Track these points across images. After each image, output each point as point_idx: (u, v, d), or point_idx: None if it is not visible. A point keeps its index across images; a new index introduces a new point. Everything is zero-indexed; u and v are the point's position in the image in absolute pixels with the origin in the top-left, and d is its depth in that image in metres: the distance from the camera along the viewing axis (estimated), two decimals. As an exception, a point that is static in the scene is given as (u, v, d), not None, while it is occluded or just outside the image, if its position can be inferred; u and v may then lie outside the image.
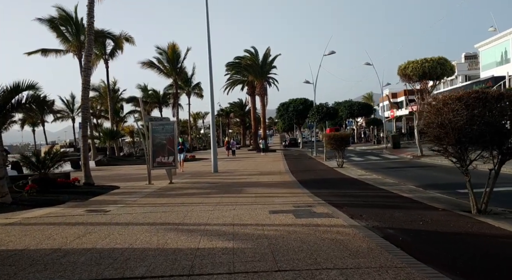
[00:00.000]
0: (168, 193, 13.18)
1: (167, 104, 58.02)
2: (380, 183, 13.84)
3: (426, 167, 20.82)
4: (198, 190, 13.58)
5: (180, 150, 21.74)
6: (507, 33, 28.59)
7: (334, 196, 10.89)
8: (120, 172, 25.22)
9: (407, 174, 17.86)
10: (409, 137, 54.20)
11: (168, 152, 16.39)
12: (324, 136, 23.07)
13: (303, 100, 58.91)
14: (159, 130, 16.47)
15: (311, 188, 12.99)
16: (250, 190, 13.00)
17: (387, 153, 33.10)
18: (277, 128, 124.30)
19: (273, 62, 51.00)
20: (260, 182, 15.71)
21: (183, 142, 23.96)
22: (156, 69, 38.04)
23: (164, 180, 16.88)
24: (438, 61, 25.14)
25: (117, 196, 12.78)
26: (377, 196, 10.75)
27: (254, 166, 25.05)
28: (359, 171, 19.47)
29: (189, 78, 61.63)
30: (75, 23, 35.07)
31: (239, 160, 33.20)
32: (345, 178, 16.24)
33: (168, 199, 11.54)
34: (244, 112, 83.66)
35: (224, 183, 15.85)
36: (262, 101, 49.94)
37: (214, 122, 23.49)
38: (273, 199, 10.66)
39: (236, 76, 56.15)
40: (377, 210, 8.34)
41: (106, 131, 35.61)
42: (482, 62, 32.81)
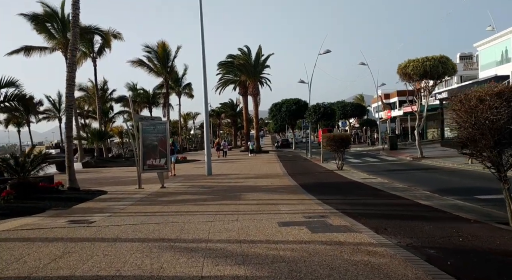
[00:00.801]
0: (161, 199, 12.04)
1: (157, 104, 56.70)
2: (390, 188, 12.84)
3: (429, 169, 19.92)
4: (194, 196, 12.45)
5: (171, 152, 19.77)
6: (508, 32, 27.89)
7: (345, 204, 9.85)
8: (108, 174, 23.98)
9: (412, 177, 16.91)
10: (403, 138, 53.50)
11: (160, 154, 15.24)
12: (323, 137, 22.08)
13: (296, 101, 57.99)
14: (150, 131, 15.31)
15: (316, 193, 11.94)
16: (251, 196, 11.92)
17: (385, 154, 32.24)
18: (268, 129, 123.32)
19: (266, 62, 49.98)
20: (259, 186, 14.63)
21: (173, 143, 21.99)
22: (146, 68, 36.77)
23: (156, 184, 15.74)
24: (439, 60, 24.29)
25: (104, 202, 11.61)
26: (393, 204, 9.73)
27: (249, 169, 23.96)
28: (361, 174, 18.49)
29: (179, 78, 60.37)
30: (61, 19, 33.67)
31: (232, 162, 32.08)
32: (349, 182, 15.23)
33: (161, 207, 10.41)
34: (235, 112, 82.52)
35: (220, 187, 14.74)
36: (254, 101, 48.84)
37: (208, 121, 22.38)
38: (279, 207, 9.59)
39: (228, 76, 54.99)
40: (401, 222, 7.31)
41: (94, 131, 34.25)
42: (481, 62, 32.11)
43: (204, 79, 20.82)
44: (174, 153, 21.46)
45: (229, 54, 51.84)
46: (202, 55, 20.73)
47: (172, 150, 20.08)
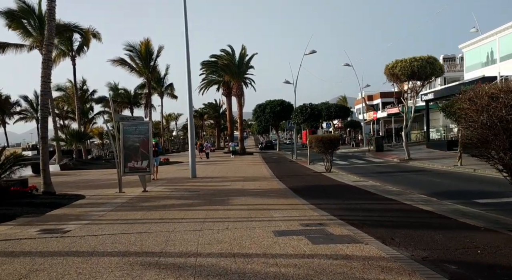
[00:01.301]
0: (143, 204, 11.24)
1: (138, 105, 55.47)
2: (384, 191, 12.30)
3: (419, 171, 19.53)
4: (178, 201, 11.69)
5: (154, 154, 17.26)
6: (493, 34, 27.87)
7: (341, 209, 9.24)
8: (87, 177, 22.97)
9: (403, 179, 16.46)
10: (387, 140, 53.46)
11: (142, 155, 14.41)
12: (311, 138, 21.51)
13: (280, 102, 57.41)
14: (131, 131, 14.48)
15: (309, 197, 11.32)
16: (239, 201, 11.22)
17: (371, 156, 31.89)
18: (251, 130, 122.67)
19: (250, 62, 49.32)
20: (247, 189, 13.93)
21: (157, 144, 19.58)
22: (127, 67, 35.70)
23: (137, 187, 14.91)
24: (427, 60, 24.02)
25: (81, 208, 10.75)
26: (393, 209, 9.15)
27: (234, 171, 23.25)
28: (351, 176, 17.97)
29: (161, 78, 59.24)
30: (37, 16, 32.38)
31: (216, 164, 31.31)
32: (340, 185, 14.66)
33: (143, 213, 9.63)
34: (219, 113, 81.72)
35: (206, 191, 13.99)
36: (239, 102, 48.12)
37: (193, 122, 21.59)
38: (271, 213, 8.92)
39: (212, 76, 54.19)
40: (407, 231, 6.71)
41: (73, 132, 33.04)
42: (466, 63, 32.08)
43: (188, 78, 20.05)
44: (157, 155, 19.63)
45: (213, 54, 51.05)
46: (186, 53, 19.96)
47: (156, 152, 18.56)
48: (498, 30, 27.31)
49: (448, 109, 18.80)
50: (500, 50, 27.38)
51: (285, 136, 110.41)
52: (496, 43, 27.74)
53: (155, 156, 18.37)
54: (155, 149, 18.00)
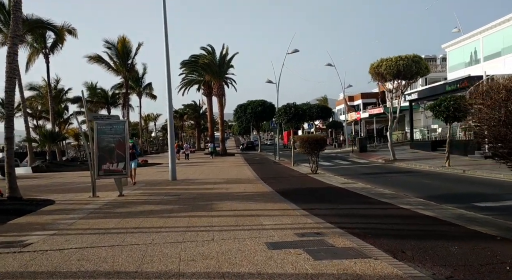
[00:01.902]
0: (118, 211, 10.26)
1: (115, 105, 53.87)
2: (377, 194, 11.61)
3: (406, 173, 19.01)
4: (157, 206, 10.74)
5: (131, 156, 15.92)
6: (477, 33, 27.68)
7: (336, 215, 8.46)
8: (60, 180, 21.72)
9: (394, 181, 15.87)
10: (369, 140, 53.27)
11: (118, 157, 13.39)
12: (296, 139, 20.75)
13: (261, 102, 56.76)
14: (106, 131, 13.44)
15: (299, 202, 10.53)
16: (224, 205, 10.35)
17: (355, 157, 31.40)
18: (232, 131, 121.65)
19: (231, 61, 48.41)
20: (232, 193, 13.07)
21: (134, 145, 17.66)
22: (104, 65, 34.33)
23: (113, 191, 13.89)
24: (413, 59, 23.62)
25: (48, 216, 9.71)
26: (392, 215, 8.42)
27: (216, 173, 22.33)
28: (338, 178, 17.28)
29: (140, 77, 57.84)
30: (8, 11, 30.78)
31: (197, 165, 30.32)
32: (329, 188, 13.92)
33: (117, 221, 8.67)
34: (199, 114, 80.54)
35: (187, 195, 13.06)
36: (220, 101, 47.13)
37: (172, 121, 20.60)
38: (260, 220, 8.09)
39: (192, 76, 53.08)
40: (417, 242, 5.97)
41: (46, 133, 31.52)
42: (449, 63, 31.90)
43: (167, 77, 19.08)
44: (135, 158, 17.84)
45: (193, 54, 49.96)
46: (166, 50, 18.96)
47: (133, 154, 16.86)
48: (481, 30, 27.14)
49: (436, 108, 18.31)
50: (484, 49, 27.20)
51: (266, 137, 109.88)
52: (480, 43, 27.56)
53: (133, 159, 16.88)
54: (132, 151, 16.40)
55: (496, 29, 25.66)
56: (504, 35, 25.06)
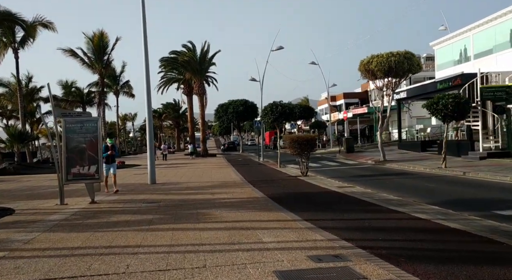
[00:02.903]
0: (88, 222, 8.74)
1: (91, 103, 51.64)
2: (382, 201, 10.39)
3: (402, 175, 17.92)
4: (135, 216, 9.26)
5: (110, 159, 13.86)
6: (467, 30, 26.96)
7: (347, 229, 7.17)
8: (28, 184, 19.85)
9: (393, 185, 14.75)
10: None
11: (89, 159, 11.82)
12: (286, 138, 19.47)
13: (243, 101, 55.44)
14: (76, 130, 11.85)
15: (297, 209, 9.23)
16: (212, 215, 8.96)
17: (342, 158, 30.32)
18: (212, 132, 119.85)
19: (212, 59, 46.84)
20: (219, 199, 11.66)
21: (113, 146, 14.40)
22: (79, 60, 32.36)
23: (84, 197, 12.31)
24: (405, 56, 22.65)
25: (2, 230, 8.13)
26: (412, 228, 7.16)
27: (199, 175, 20.85)
28: (332, 181, 16.06)
29: (117, 75, 55.77)
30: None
31: (178, 167, 28.74)
32: (327, 193, 12.65)
33: (86, 237, 7.18)
34: (178, 114, 78.61)
35: (169, 202, 11.59)
36: (200, 100, 45.52)
37: (152, 121, 19.05)
38: (258, 235, 6.75)
39: (172, 74, 51.27)
40: (468, 269, 4.71)
41: (14, 133, 29.43)
42: (438, 61, 31.15)
43: (146, 73, 17.55)
44: (113, 161, 14.28)
45: (173, 50, 48.18)
46: (144, 45, 17.43)
47: (112, 156, 14.12)
48: (472, 27, 26.42)
49: (433, 106, 17.29)
50: (474, 47, 26.48)
51: (247, 138, 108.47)
52: (470, 40, 26.84)
53: (111, 162, 14.02)
54: (111, 152, 13.95)
55: (487, 26, 24.94)
56: (496, 32, 24.35)
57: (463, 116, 17.85)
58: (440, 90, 24.36)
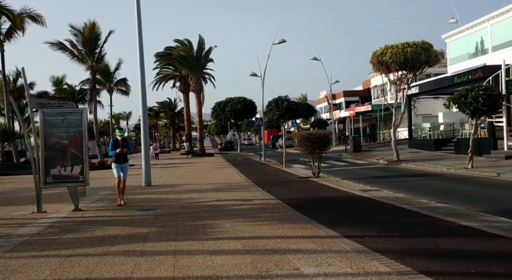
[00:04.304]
0: (65, 238, 6.87)
1: (83, 101, 49.50)
2: (427, 209, 8.58)
3: (426, 176, 16.13)
4: (125, 229, 7.39)
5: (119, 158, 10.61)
6: (484, 20, 25.23)
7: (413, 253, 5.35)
8: (9, 185, 17.87)
9: (422, 188, 13.00)
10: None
11: (73, 158, 9.94)
12: (295, 136, 17.63)
13: (241, 99, 53.66)
14: (57, 123, 9.97)
15: (328, 221, 7.41)
16: (223, 228, 7.13)
17: (350, 157, 28.52)
18: (208, 131, 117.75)
19: (209, 55, 44.85)
20: (227, 205, 9.81)
21: (124, 139, 10.97)
22: (68, 53, 30.38)
23: (68, 202, 10.41)
24: (422, 46, 20.85)
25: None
26: (506, 254, 5.33)
27: (199, 175, 18.96)
28: (351, 183, 14.21)
29: (111, 72, 53.57)
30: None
31: (175, 167, 26.85)
32: (351, 198, 10.82)
33: (57, 263, 5.31)
34: (174, 112, 76.54)
35: (168, 208, 9.72)
36: (198, 98, 43.54)
37: (147, 119, 17.22)
38: (294, 263, 4.91)
39: (167, 70, 49.25)
40: None
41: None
42: (450, 55, 29.41)
43: (141, 69, 15.72)
44: (126, 160, 10.86)
45: (168, 46, 46.21)
46: (139, 38, 15.59)
47: (123, 156, 10.69)
48: (490, 16, 24.69)
49: (462, 99, 15.50)
50: (492, 38, 24.76)
51: (243, 137, 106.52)
52: (488, 31, 25.11)
53: (123, 162, 10.71)
54: (121, 150, 10.52)
55: (508, 15, 23.21)
56: (519, 21, 22.62)
57: (494, 111, 16.10)
58: (458, 84, 22.61)
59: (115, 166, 10.78)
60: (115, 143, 10.70)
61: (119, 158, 10.68)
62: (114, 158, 10.77)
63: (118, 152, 10.57)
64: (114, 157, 10.73)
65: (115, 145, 10.64)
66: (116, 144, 10.64)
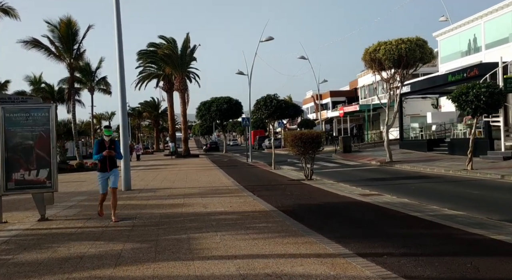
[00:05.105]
0: (20, 259, 5.67)
1: (63, 101, 47.71)
2: (442, 217, 7.60)
3: (425, 178, 15.25)
4: (95, 245, 6.23)
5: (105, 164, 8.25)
6: (477, 17, 24.61)
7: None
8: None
9: (426, 192, 12.10)
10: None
11: (39, 161, 8.72)
12: (287, 136, 16.59)
13: (227, 99, 52.34)
14: (20, 121, 8.74)
15: (334, 234, 6.40)
16: (212, 243, 6.02)
17: (340, 158, 27.61)
18: (192, 132, 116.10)
19: (193, 53, 43.59)
20: (215, 213, 8.68)
21: (113, 141, 8.61)
22: (44, 50, 28.77)
23: (34, 210, 9.15)
24: (416, 43, 20.05)
25: None
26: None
27: (183, 178, 17.77)
28: (347, 186, 13.21)
29: (93, 71, 51.86)
30: None
31: (158, 169, 25.58)
32: (352, 203, 9.81)
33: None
34: (158, 113, 74.85)
35: (147, 217, 8.55)
36: (182, 97, 42.24)
37: (126, 116, 15.98)
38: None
39: (150, 69, 47.78)
40: None
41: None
42: (442, 53, 28.77)
43: (120, 61, 14.50)
44: (114, 166, 8.42)
45: (151, 43, 44.73)
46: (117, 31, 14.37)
47: (110, 160, 8.29)
48: (483, 13, 24.09)
49: (462, 97, 14.67)
50: (485, 36, 24.14)
51: (228, 137, 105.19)
52: (481, 29, 24.50)
53: (110, 169, 8.29)
54: (109, 153, 8.16)
55: (502, 12, 22.59)
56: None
57: (496, 109, 15.32)
58: (452, 82, 21.89)
59: (101, 176, 8.29)
60: (100, 145, 8.31)
61: (104, 164, 8.22)
62: (98, 165, 8.33)
63: (104, 155, 8.11)
64: (98, 163, 8.31)
65: (101, 147, 8.25)
66: (102, 147, 8.25)
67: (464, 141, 22.14)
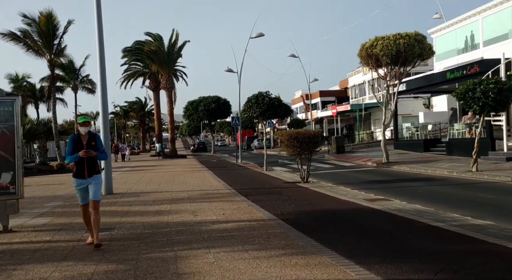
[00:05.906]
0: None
1: (45, 99, 46.07)
2: (470, 228, 6.62)
3: (428, 180, 14.36)
4: (60, 268, 5.06)
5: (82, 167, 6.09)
6: (475, 13, 23.85)
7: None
8: None
9: (436, 196, 11.13)
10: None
11: (0, 163, 7.51)
12: (281, 135, 15.51)
13: (215, 98, 51.15)
14: (-22, 117, 7.50)
15: (343, 248, 5.38)
16: (203, 262, 4.92)
17: (333, 159, 26.67)
18: (180, 132, 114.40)
19: (182, 49, 42.39)
20: (206, 223, 7.55)
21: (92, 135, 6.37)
22: (22, 44, 27.30)
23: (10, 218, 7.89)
24: (415, 38, 19.15)
25: None
26: None
27: (170, 181, 16.57)
28: (348, 190, 12.19)
29: (76, 69, 50.19)
30: None
31: (143, 170, 24.30)
32: (361, 210, 8.77)
33: None
34: (144, 112, 73.24)
35: (129, 228, 7.38)
36: (169, 96, 40.98)
37: (108, 116, 14.77)
38: None
39: (136, 67, 46.41)
40: None
41: None
42: (437, 51, 27.93)
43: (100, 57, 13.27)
44: (95, 171, 6.21)
45: (138, 40, 43.39)
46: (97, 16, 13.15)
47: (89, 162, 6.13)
48: (481, 9, 23.36)
49: (469, 94, 13.77)
50: (484, 32, 23.39)
51: (216, 138, 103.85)
52: (479, 25, 23.75)
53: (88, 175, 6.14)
54: (88, 153, 6.04)
55: (502, 7, 21.84)
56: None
57: (504, 106, 14.46)
58: (451, 80, 21.11)
59: (77, 184, 6.24)
60: (75, 143, 6.20)
61: (81, 168, 6.13)
62: (74, 169, 6.28)
63: (81, 156, 6.02)
64: (74, 167, 6.29)
65: (76, 145, 6.16)
66: (78, 145, 6.15)
67: (462, 141, 21.38)
